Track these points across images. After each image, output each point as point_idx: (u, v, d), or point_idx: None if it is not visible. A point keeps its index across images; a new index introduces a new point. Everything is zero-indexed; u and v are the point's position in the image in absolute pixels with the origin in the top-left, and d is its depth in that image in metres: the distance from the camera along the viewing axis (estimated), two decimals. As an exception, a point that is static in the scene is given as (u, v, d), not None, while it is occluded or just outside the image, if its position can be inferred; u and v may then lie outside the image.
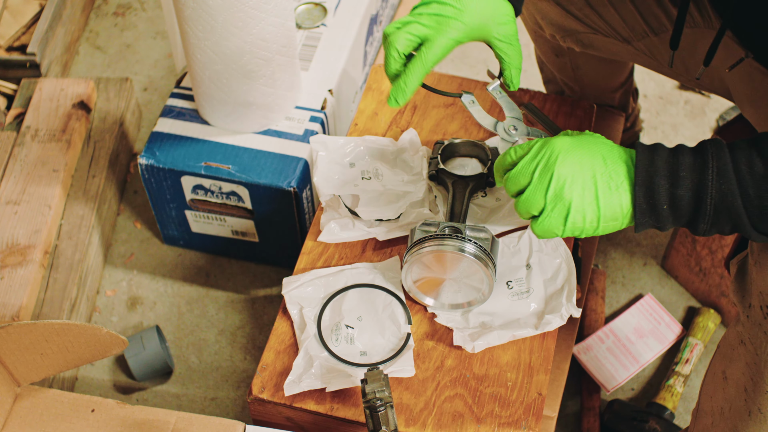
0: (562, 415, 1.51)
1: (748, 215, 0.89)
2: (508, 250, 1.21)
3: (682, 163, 0.90)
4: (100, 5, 2.17)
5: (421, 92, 1.42)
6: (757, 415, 1.04)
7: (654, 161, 0.90)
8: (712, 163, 0.89)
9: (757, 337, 1.01)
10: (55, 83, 1.77)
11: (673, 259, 1.65)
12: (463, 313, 1.17)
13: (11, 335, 1.14)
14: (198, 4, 1.34)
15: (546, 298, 1.18)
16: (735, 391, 1.06)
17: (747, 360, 1.03)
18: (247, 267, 1.71)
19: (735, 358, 1.06)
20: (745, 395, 1.04)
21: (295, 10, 1.70)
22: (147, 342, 1.54)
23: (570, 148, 0.93)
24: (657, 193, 0.90)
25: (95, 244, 1.66)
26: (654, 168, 0.90)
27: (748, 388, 1.03)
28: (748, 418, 1.05)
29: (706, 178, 0.88)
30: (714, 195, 0.89)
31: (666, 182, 0.90)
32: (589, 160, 0.93)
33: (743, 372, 1.04)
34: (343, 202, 1.24)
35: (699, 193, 0.89)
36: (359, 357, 1.14)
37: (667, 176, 0.90)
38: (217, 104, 1.51)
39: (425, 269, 1.14)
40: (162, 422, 1.15)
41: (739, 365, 1.05)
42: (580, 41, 1.34)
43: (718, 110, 1.93)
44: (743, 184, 0.88)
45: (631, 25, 1.26)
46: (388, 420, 1.02)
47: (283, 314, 1.19)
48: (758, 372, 1.01)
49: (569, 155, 0.93)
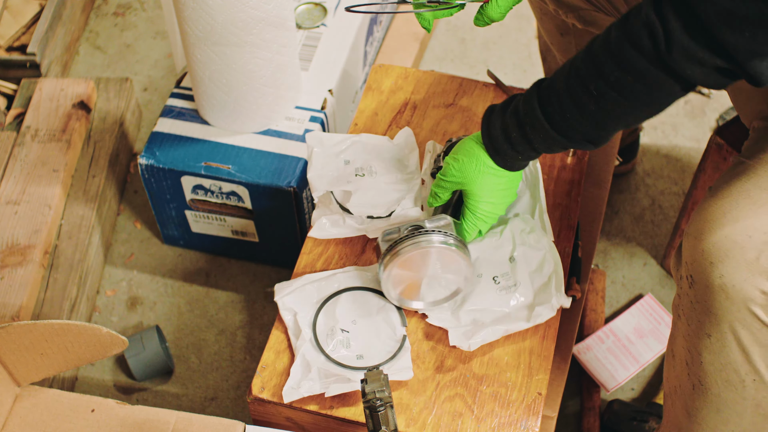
0: (562, 415, 1.51)
1: (568, 139, 1.01)
2: (491, 245, 1.21)
3: (509, 125, 1.06)
4: (100, 5, 2.17)
5: (421, 92, 1.42)
6: (699, 387, 1.06)
7: (492, 124, 1.09)
8: (519, 97, 1.06)
9: (686, 307, 1.04)
10: (55, 83, 1.77)
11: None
12: (453, 311, 1.17)
13: (11, 335, 1.14)
14: (198, 4, 1.34)
15: (534, 290, 1.18)
16: (680, 367, 1.08)
17: (683, 333, 1.05)
18: (247, 267, 1.71)
19: (676, 334, 1.08)
20: (687, 369, 1.06)
21: (295, 10, 1.70)
22: (147, 342, 1.54)
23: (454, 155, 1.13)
24: (501, 148, 1.09)
25: (95, 244, 1.66)
26: (486, 124, 1.10)
27: (689, 362, 1.06)
28: (692, 392, 1.07)
29: (516, 99, 1.06)
30: (539, 143, 1.04)
31: (504, 140, 1.08)
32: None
33: (683, 346, 1.06)
34: (335, 199, 1.24)
35: (529, 143, 1.06)
36: (356, 361, 1.14)
37: (503, 136, 1.08)
38: (217, 104, 1.51)
39: (403, 275, 1.15)
40: (162, 422, 1.15)
41: (680, 340, 1.07)
42: (582, 18, 1.35)
43: (718, 110, 1.93)
44: (545, 108, 1.02)
45: (631, 4, 1.26)
46: (388, 420, 1.02)
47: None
48: (692, 344, 1.04)
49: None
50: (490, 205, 1.14)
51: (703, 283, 1.00)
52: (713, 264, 0.98)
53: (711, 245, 0.98)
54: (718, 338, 1.01)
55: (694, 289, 1.01)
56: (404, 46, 1.95)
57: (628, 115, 0.96)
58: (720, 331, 1.00)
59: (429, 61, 2.04)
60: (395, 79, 1.45)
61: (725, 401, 1.05)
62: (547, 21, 1.47)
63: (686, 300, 1.04)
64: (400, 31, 1.97)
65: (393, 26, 1.98)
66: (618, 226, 1.75)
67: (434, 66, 2.03)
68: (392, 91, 1.43)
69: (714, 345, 1.01)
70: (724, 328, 1.00)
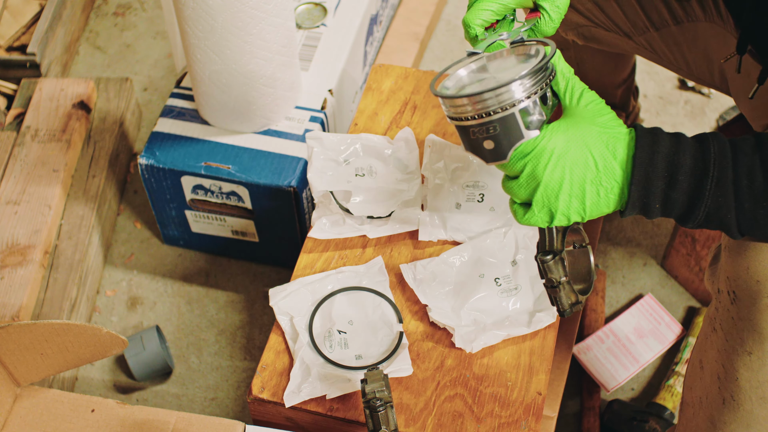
0: (562, 415, 1.51)
1: (738, 225, 0.89)
2: (495, 246, 1.21)
3: (683, 165, 0.87)
4: (100, 5, 2.17)
5: (421, 92, 1.42)
6: (731, 402, 1.04)
7: (653, 160, 0.88)
8: (713, 172, 0.87)
9: (725, 322, 1.01)
10: (55, 83, 1.77)
11: (673, 259, 1.65)
12: (454, 308, 1.17)
13: (11, 335, 1.14)
14: (198, 4, 1.34)
15: (535, 296, 1.18)
16: (710, 379, 1.06)
17: (718, 347, 1.03)
18: (247, 267, 1.71)
19: (708, 346, 1.06)
20: (718, 383, 1.05)
21: (295, 10, 1.70)
22: (147, 342, 1.54)
23: (561, 152, 0.89)
24: (652, 193, 0.89)
25: (95, 244, 1.66)
26: (652, 167, 0.88)
27: (721, 376, 1.04)
28: (722, 406, 1.05)
29: (704, 187, 0.87)
30: (709, 204, 0.88)
31: (663, 183, 0.88)
32: (581, 164, 0.90)
33: (716, 359, 1.04)
34: (335, 199, 1.24)
35: (694, 199, 0.88)
36: (355, 361, 1.14)
37: (665, 177, 0.88)
38: (217, 104, 1.51)
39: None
40: (162, 422, 1.15)
41: (712, 353, 1.05)
42: (582, 34, 1.35)
43: (718, 110, 1.93)
44: (740, 198, 0.87)
45: (632, 20, 1.26)
46: (388, 420, 1.02)
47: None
48: (728, 359, 1.02)
49: (559, 162, 0.90)
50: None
51: (748, 301, 0.97)
52: (759, 282, 0.95)
53: (757, 263, 0.94)
54: (759, 356, 0.99)
55: (737, 305, 0.98)
56: (404, 46, 1.95)
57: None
58: (763, 350, 0.98)
59: (429, 61, 2.04)
60: (395, 79, 1.45)
61: (756, 418, 1.03)
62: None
63: (726, 315, 1.01)
64: (400, 31, 1.97)
65: (393, 26, 1.98)
66: (618, 226, 1.75)
67: (434, 66, 2.03)
68: (392, 91, 1.43)
69: (754, 363, 0.99)
70: (767, 347, 0.98)
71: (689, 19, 1.21)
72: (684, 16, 1.22)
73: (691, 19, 1.20)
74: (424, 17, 2.00)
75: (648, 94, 1.96)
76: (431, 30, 2.05)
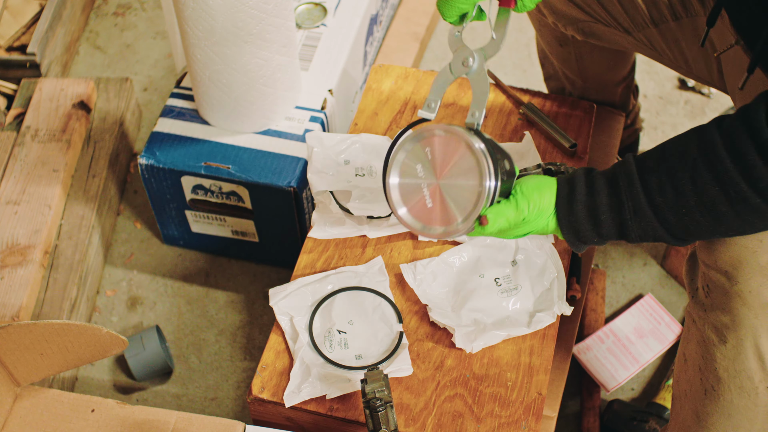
0: (562, 415, 1.51)
1: (671, 236, 0.95)
2: (495, 246, 1.21)
3: (600, 204, 0.96)
4: (100, 5, 2.17)
5: (421, 92, 1.42)
6: (711, 393, 1.06)
7: (573, 210, 0.97)
8: (627, 204, 0.94)
9: (700, 316, 1.05)
10: (55, 83, 1.77)
11: (673, 259, 1.65)
12: (455, 308, 1.17)
13: (11, 335, 1.14)
14: (198, 4, 1.34)
15: (535, 296, 1.18)
16: (693, 371, 1.09)
17: (697, 339, 1.06)
18: (247, 267, 1.71)
19: (690, 339, 1.09)
20: (700, 374, 1.07)
21: (295, 10, 1.70)
22: (147, 342, 1.54)
23: (503, 228, 1.00)
24: (584, 235, 0.98)
25: (95, 244, 1.66)
26: (575, 217, 0.97)
27: (702, 367, 1.06)
28: (704, 397, 1.07)
29: (626, 218, 0.95)
30: (636, 229, 0.96)
31: (589, 225, 0.97)
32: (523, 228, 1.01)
33: (696, 351, 1.07)
34: (335, 199, 1.24)
35: (622, 228, 0.96)
36: (355, 361, 1.14)
37: (589, 220, 0.97)
38: (217, 104, 1.51)
39: (414, 168, 1.01)
40: (162, 422, 1.15)
41: (693, 345, 1.08)
42: (582, 30, 1.35)
43: (718, 110, 1.93)
44: (661, 214, 0.94)
45: (631, 15, 1.26)
46: (388, 420, 1.02)
47: (283, 314, 1.20)
48: (707, 349, 1.05)
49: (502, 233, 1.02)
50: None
51: (720, 291, 1.01)
52: (728, 273, 0.99)
53: (726, 255, 0.99)
54: (735, 345, 1.01)
55: (711, 297, 1.02)
56: (404, 46, 1.95)
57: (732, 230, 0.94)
58: (737, 338, 1.01)
59: (429, 61, 2.04)
60: (395, 79, 1.45)
61: (737, 407, 1.05)
62: (546, 33, 1.47)
63: (701, 307, 1.04)
64: (400, 31, 1.97)
65: (393, 26, 1.98)
66: (618, 226, 1.75)
67: (434, 66, 2.03)
68: (392, 91, 1.43)
69: (730, 352, 1.02)
70: (741, 335, 1.00)
71: (688, 15, 1.21)
72: (683, 12, 1.22)
73: (690, 15, 1.21)
74: (424, 17, 2.00)
75: (648, 94, 1.96)
76: (431, 30, 2.05)
